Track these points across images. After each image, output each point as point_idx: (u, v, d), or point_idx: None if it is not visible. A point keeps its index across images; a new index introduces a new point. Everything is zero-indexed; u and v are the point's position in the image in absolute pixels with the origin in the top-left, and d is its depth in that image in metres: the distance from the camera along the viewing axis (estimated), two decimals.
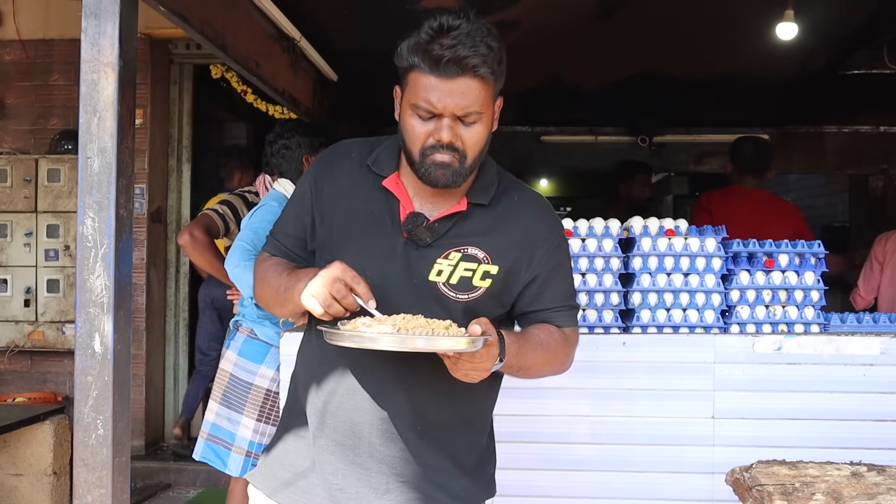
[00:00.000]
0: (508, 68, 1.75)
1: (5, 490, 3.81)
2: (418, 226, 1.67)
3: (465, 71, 1.58)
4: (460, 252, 1.67)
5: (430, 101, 1.59)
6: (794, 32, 4.12)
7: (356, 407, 1.68)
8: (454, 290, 1.66)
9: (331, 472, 1.69)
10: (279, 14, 4.04)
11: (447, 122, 1.61)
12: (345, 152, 1.80)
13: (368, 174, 1.73)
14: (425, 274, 1.66)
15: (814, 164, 7.36)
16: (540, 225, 1.77)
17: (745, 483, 2.20)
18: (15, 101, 5.36)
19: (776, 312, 2.89)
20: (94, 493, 2.00)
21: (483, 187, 1.75)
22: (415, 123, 1.63)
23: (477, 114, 1.63)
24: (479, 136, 1.66)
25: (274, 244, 1.81)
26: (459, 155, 1.63)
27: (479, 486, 1.79)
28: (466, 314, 1.65)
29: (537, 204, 1.82)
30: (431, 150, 1.62)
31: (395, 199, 1.70)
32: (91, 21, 2.07)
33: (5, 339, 5.19)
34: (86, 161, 2.07)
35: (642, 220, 2.94)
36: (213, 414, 3.22)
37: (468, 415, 1.76)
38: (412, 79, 1.62)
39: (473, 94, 1.60)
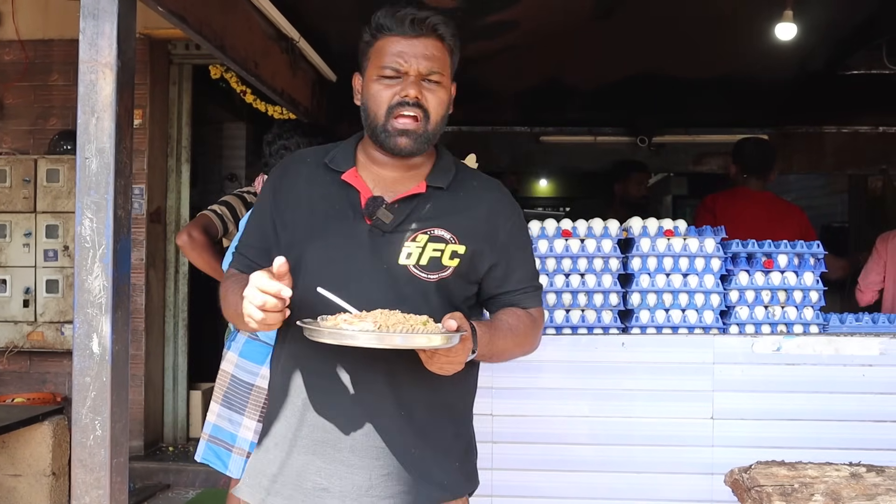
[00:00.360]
0: (507, 69, 1.80)
1: (4, 490, 3.81)
2: (378, 207, 1.71)
3: (428, 31, 1.71)
4: (427, 234, 1.72)
5: (397, 59, 1.69)
6: (794, 33, 4.12)
7: (335, 401, 1.69)
8: (425, 271, 1.70)
9: (314, 471, 1.69)
10: (278, 14, 4.04)
11: (412, 80, 1.70)
12: (300, 159, 1.87)
13: (326, 172, 1.79)
14: (395, 258, 1.70)
15: (813, 165, 7.35)
16: (500, 208, 1.81)
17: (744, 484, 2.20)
18: (14, 102, 5.36)
19: (775, 313, 2.89)
20: (92, 494, 2.00)
21: (441, 172, 1.80)
22: (380, 88, 1.71)
23: (439, 75, 1.72)
24: (441, 100, 1.73)
25: (239, 259, 1.86)
26: (423, 114, 1.71)
27: (463, 475, 1.81)
28: (439, 293, 1.71)
29: (497, 189, 1.86)
30: (398, 107, 1.69)
31: (355, 191, 1.75)
32: (89, 21, 2.06)
33: (4, 340, 5.18)
34: (84, 161, 2.07)
35: (641, 220, 2.94)
36: (214, 415, 3.22)
37: (450, 400, 1.78)
38: (378, 47, 1.73)
39: (436, 55, 1.72)
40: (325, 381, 1.70)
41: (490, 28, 4.44)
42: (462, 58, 1.82)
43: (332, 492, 1.68)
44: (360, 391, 1.68)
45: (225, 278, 1.86)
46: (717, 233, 2.91)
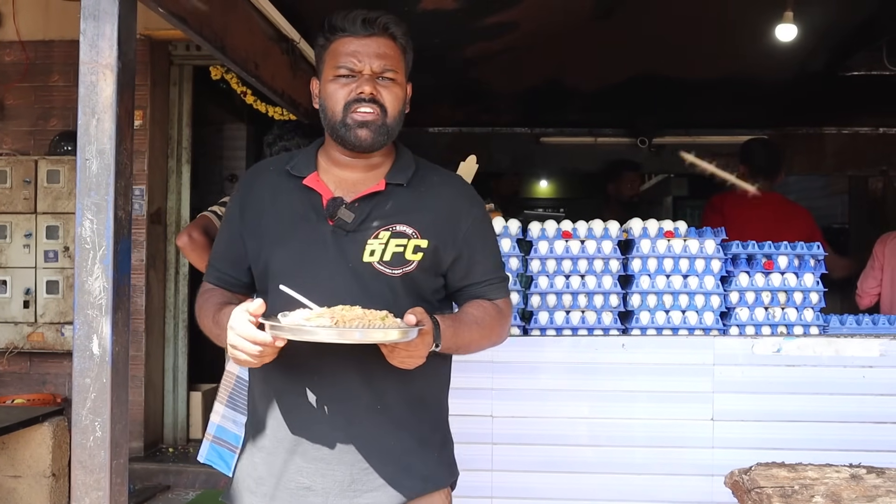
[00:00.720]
0: (507, 70, 1.82)
1: (4, 492, 3.81)
2: (339, 207, 1.75)
3: (379, 30, 1.77)
4: (389, 230, 1.75)
5: (351, 58, 1.75)
6: (794, 34, 4.12)
7: (312, 400, 1.73)
8: (389, 267, 1.73)
9: (295, 471, 1.73)
10: (278, 16, 4.04)
11: (367, 77, 1.75)
12: (262, 169, 1.92)
13: (289, 179, 1.83)
14: (359, 256, 1.73)
15: (813, 166, 7.35)
16: (461, 202, 1.85)
17: (744, 485, 2.20)
18: (14, 103, 5.36)
19: (775, 314, 2.89)
20: (92, 496, 2.00)
21: (401, 169, 1.84)
22: (337, 87, 1.76)
23: (393, 72, 1.77)
24: (397, 96, 1.78)
25: (211, 272, 1.91)
26: (380, 109, 1.75)
27: (443, 465, 1.84)
28: (406, 287, 1.75)
29: (457, 183, 1.90)
30: (355, 103, 1.74)
31: (317, 194, 1.79)
32: (90, 22, 2.06)
33: (4, 341, 5.18)
34: (84, 163, 2.06)
35: (641, 222, 2.94)
36: (218, 416, 3.22)
37: (423, 393, 1.81)
38: (332, 49, 1.78)
39: (389, 54, 1.77)
40: (301, 382, 1.74)
41: (490, 29, 4.44)
42: (461, 59, 1.83)
43: (315, 490, 1.71)
44: (336, 389, 1.72)
45: (200, 292, 1.90)
46: (718, 234, 2.91)
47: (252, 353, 1.57)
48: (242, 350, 1.58)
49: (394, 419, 1.75)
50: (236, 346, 1.58)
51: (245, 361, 1.60)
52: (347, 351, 1.65)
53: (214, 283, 1.88)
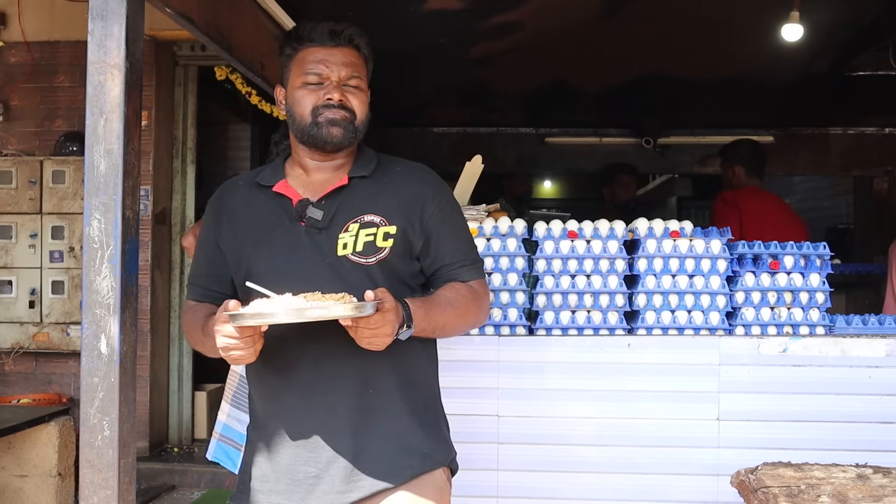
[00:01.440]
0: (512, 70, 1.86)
1: (10, 491, 3.82)
2: (307, 207, 1.82)
3: (345, 41, 1.87)
4: (357, 222, 1.82)
5: (319, 66, 1.84)
6: (800, 34, 4.11)
7: (308, 392, 1.78)
8: (363, 256, 1.80)
9: (302, 462, 1.78)
10: (284, 16, 4.04)
11: (334, 84, 1.84)
12: (233, 184, 1.99)
13: (258, 190, 1.91)
14: (334, 251, 1.80)
15: (818, 166, 7.33)
16: (425, 187, 1.91)
17: (750, 485, 2.20)
18: (20, 103, 5.38)
19: (781, 314, 2.89)
20: (100, 495, 2.00)
21: (362, 164, 1.91)
22: (304, 94, 1.85)
23: (358, 79, 1.87)
24: (363, 101, 1.88)
25: (193, 289, 1.97)
26: (349, 113, 1.84)
27: (440, 443, 1.89)
28: (383, 274, 1.80)
29: (420, 170, 1.96)
30: (324, 108, 1.83)
31: (287, 199, 1.86)
32: (98, 23, 2.07)
33: (10, 341, 5.20)
34: (92, 162, 2.07)
35: (647, 221, 2.94)
36: (224, 414, 3.22)
37: (412, 374, 1.86)
38: (300, 57, 1.87)
39: (354, 63, 1.87)
40: (295, 377, 1.80)
41: (495, 30, 4.44)
42: (467, 59, 1.87)
43: (322, 477, 1.77)
44: (329, 379, 1.78)
45: (185, 310, 1.98)
46: (724, 233, 2.91)
47: (239, 346, 1.63)
48: (232, 348, 1.64)
49: (387, 402, 1.81)
50: (226, 346, 1.64)
51: (239, 358, 1.66)
52: (335, 341, 1.71)
53: (198, 300, 1.94)
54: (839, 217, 9.32)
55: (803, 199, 10.71)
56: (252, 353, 1.66)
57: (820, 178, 9.72)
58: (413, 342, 1.78)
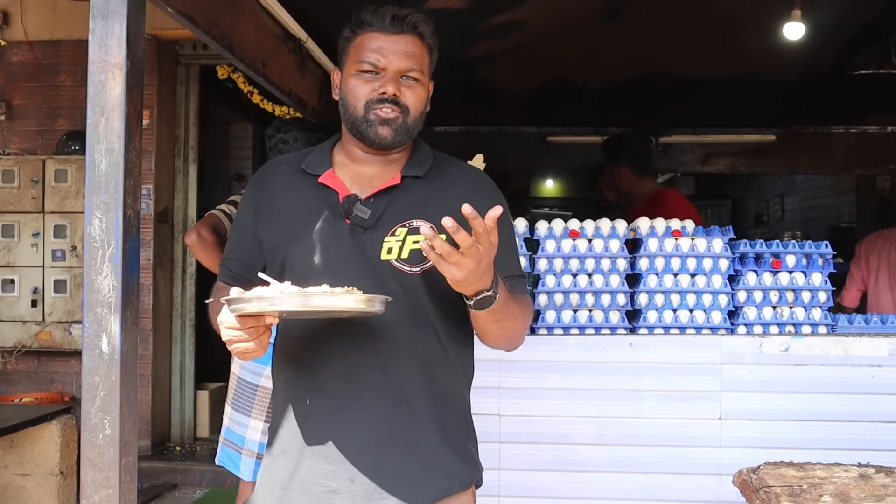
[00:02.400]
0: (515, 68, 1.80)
1: (12, 490, 3.82)
2: (353, 204, 1.70)
3: (408, 28, 1.71)
4: (406, 227, 1.70)
5: (376, 55, 1.70)
6: (802, 32, 4.10)
7: (335, 402, 1.68)
8: (408, 264, 1.68)
9: (320, 475, 1.68)
10: (286, 15, 4.04)
11: (391, 76, 1.70)
12: (275, 166, 1.87)
13: (303, 177, 1.78)
14: (377, 254, 1.68)
15: (821, 165, 7.33)
16: (480, 194, 1.75)
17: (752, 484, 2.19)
18: (22, 102, 5.38)
19: (783, 313, 2.89)
20: (102, 493, 2.01)
21: (417, 162, 1.79)
22: (359, 83, 1.71)
23: (418, 73, 1.72)
24: (420, 97, 1.73)
25: (224, 272, 1.86)
26: (402, 110, 1.70)
27: (468, 462, 1.78)
28: (426, 284, 1.68)
29: (476, 175, 1.85)
30: (376, 103, 1.69)
31: (333, 192, 1.74)
32: (99, 22, 2.07)
33: (12, 340, 5.20)
34: (93, 161, 2.07)
35: (649, 220, 2.94)
36: (227, 418, 3.24)
37: (446, 390, 1.75)
38: (357, 42, 1.73)
39: (415, 54, 1.72)
40: (324, 383, 1.70)
41: (497, 28, 4.44)
42: (469, 58, 1.82)
43: (341, 493, 1.67)
44: (359, 389, 1.68)
45: (214, 292, 1.83)
46: (725, 233, 2.91)
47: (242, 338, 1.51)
48: (236, 340, 1.52)
49: (418, 418, 1.70)
50: (229, 338, 1.53)
51: (245, 352, 1.53)
52: (368, 349, 1.65)
53: (228, 283, 1.82)
54: (841, 216, 9.32)
55: (805, 197, 10.70)
56: (258, 347, 1.53)
57: (822, 177, 9.71)
58: (452, 353, 1.70)
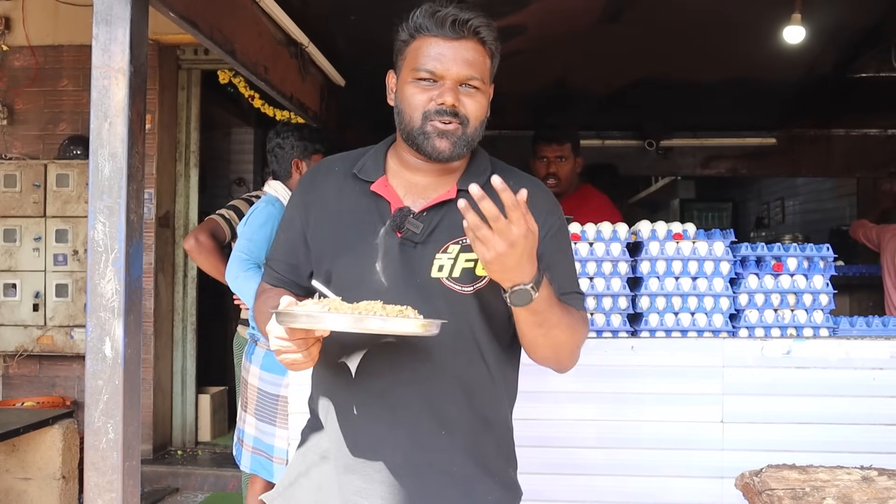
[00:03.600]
0: (515, 72, 1.76)
1: (14, 494, 3.82)
2: (406, 218, 1.62)
3: (469, 33, 1.61)
4: (458, 244, 1.61)
5: (434, 62, 1.60)
6: (802, 36, 4.11)
7: (373, 420, 1.63)
8: (459, 283, 1.60)
9: (353, 492, 1.63)
10: (287, 20, 4.05)
11: (449, 85, 1.60)
12: (328, 167, 1.78)
13: (356, 183, 1.70)
14: (427, 272, 1.60)
15: (821, 168, 7.34)
16: (538, 209, 1.62)
17: (754, 487, 2.19)
18: (24, 107, 5.39)
19: (785, 316, 2.89)
20: (105, 497, 2.01)
21: (475, 173, 1.70)
22: (416, 91, 1.62)
23: (479, 81, 1.63)
24: (481, 105, 1.65)
25: (269, 273, 1.79)
26: (461, 121, 1.62)
27: (506, 488, 1.73)
28: (478, 304, 1.61)
29: (536, 188, 1.74)
30: (435, 115, 1.60)
31: (386, 202, 1.66)
32: (102, 27, 2.08)
33: (14, 344, 5.21)
34: (97, 166, 2.08)
35: (650, 223, 2.94)
36: (253, 428, 3.25)
37: (487, 414, 1.69)
38: (415, 47, 1.63)
39: (476, 61, 1.62)
40: (362, 401, 1.63)
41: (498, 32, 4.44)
42: None
43: None
44: (398, 409, 1.61)
45: (257, 293, 1.79)
46: (727, 236, 2.91)
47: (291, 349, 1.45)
48: (284, 351, 1.46)
49: (456, 443, 1.63)
50: (278, 349, 1.46)
51: (294, 363, 1.47)
52: (411, 371, 1.59)
53: (273, 285, 1.77)
54: (842, 219, 9.32)
55: (806, 200, 10.70)
56: (307, 358, 1.46)
57: (823, 180, 9.72)
58: (496, 377, 1.64)
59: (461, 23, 1.60)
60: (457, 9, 1.61)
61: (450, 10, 1.60)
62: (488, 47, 1.66)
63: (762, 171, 7.57)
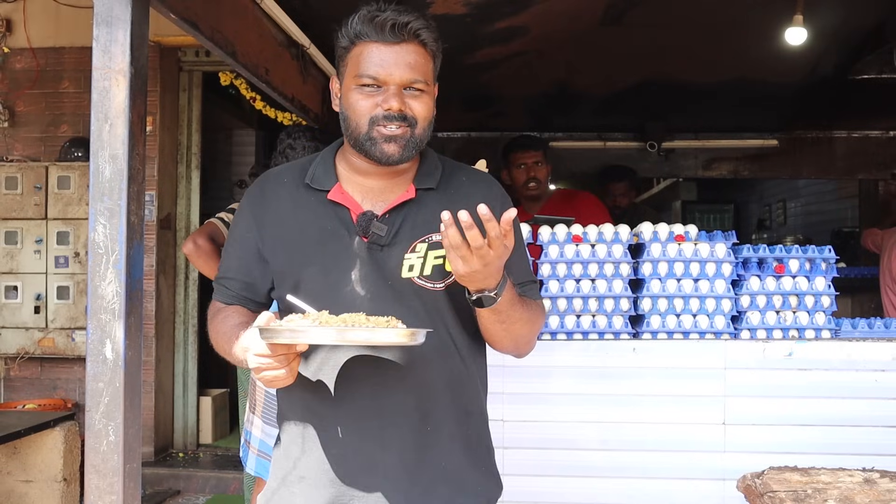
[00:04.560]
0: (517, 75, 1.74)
1: (16, 496, 3.82)
2: (370, 221, 1.62)
3: (409, 36, 1.60)
4: (425, 242, 1.63)
5: (376, 68, 1.59)
6: (804, 37, 4.11)
7: (362, 426, 1.62)
8: (430, 281, 1.62)
9: (345, 501, 1.62)
10: (288, 21, 4.05)
11: (394, 90, 1.59)
12: (275, 179, 1.75)
13: (309, 193, 1.68)
14: (397, 273, 1.62)
15: (823, 170, 7.33)
16: (494, 199, 1.71)
17: (756, 489, 2.19)
18: (25, 109, 5.40)
19: (787, 318, 2.88)
20: (106, 500, 2.00)
21: (428, 173, 1.71)
22: (360, 97, 1.60)
23: (423, 83, 1.62)
24: (427, 106, 1.64)
25: (221, 291, 1.75)
26: (409, 124, 1.61)
27: (492, 480, 1.76)
28: (450, 300, 1.63)
29: (487, 182, 1.78)
30: (382, 119, 1.59)
31: (345, 209, 1.65)
32: (102, 29, 2.08)
33: (15, 346, 5.21)
34: (97, 168, 2.07)
35: (652, 225, 2.94)
36: (258, 430, 3.24)
37: (468, 406, 1.72)
38: (356, 53, 1.61)
39: (418, 64, 1.61)
40: (349, 407, 1.62)
41: (499, 34, 4.44)
42: (471, 64, 1.78)
43: None
44: (387, 412, 1.61)
45: (211, 314, 1.74)
46: (728, 238, 2.91)
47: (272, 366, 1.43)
48: (265, 368, 1.44)
49: (444, 437, 1.66)
50: (258, 366, 1.44)
51: (274, 380, 1.45)
52: (395, 370, 1.58)
53: (226, 303, 1.74)
54: (844, 220, 9.32)
55: (808, 202, 10.70)
56: (288, 374, 1.45)
57: (824, 182, 9.72)
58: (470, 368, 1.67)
59: (400, 26, 1.59)
60: (395, 12, 1.60)
61: (388, 14, 1.59)
62: (429, 48, 1.64)
63: (764, 172, 7.55)
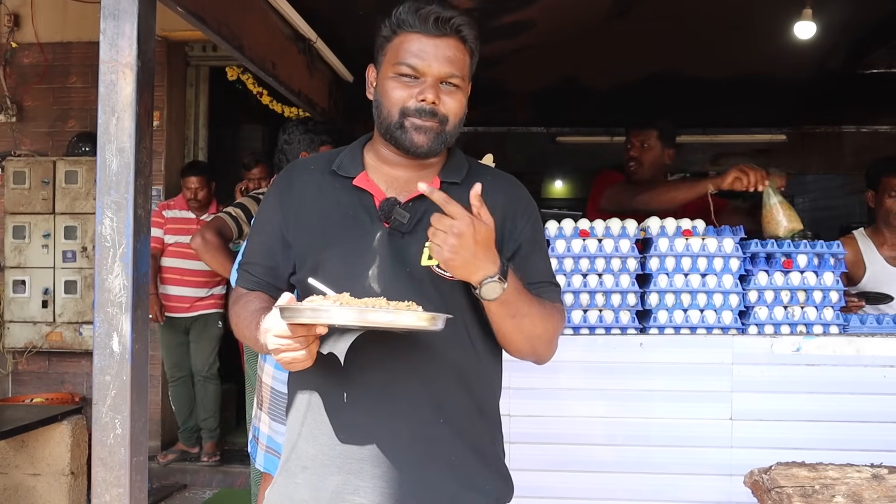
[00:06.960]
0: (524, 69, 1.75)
1: (23, 490, 3.84)
2: (393, 208, 1.64)
3: (451, 31, 1.63)
4: None
5: (416, 59, 1.62)
6: (813, 31, 4.09)
7: (371, 414, 1.61)
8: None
9: (351, 491, 1.60)
10: (295, 15, 4.05)
11: (430, 82, 1.62)
12: (303, 167, 1.79)
13: (335, 179, 1.71)
14: (417, 260, 1.63)
15: (832, 165, 7.31)
16: (518, 199, 1.75)
17: (764, 485, 2.18)
18: (33, 104, 5.41)
19: (795, 313, 2.87)
20: (112, 493, 2.01)
21: (454, 168, 1.75)
22: (396, 86, 1.64)
23: (459, 79, 1.65)
24: (460, 104, 1.67)
25: (245, 277, 1.77)
26: (440, 120, 1.64)
27: (503, 479, 1.75)
28: (465, 291, 1.63)
29: (511, 181, 1.81)
30: (414, 112, 1.63)
31: (369, 195, 1.68)
32: (109, 22, 2.08)
33: (23, 340, 5.23)
34: (104, 161, 2.08)
35: (659, 220, 2.93)
36: (266, 426, 3.24)
37: (482, 403, 1.71)
38: (397, 43, 1.65)
39: (457, 58, 1.64)
40: (357, 395, 1.61)
41: (506, 28, 4.43)
42: (479, 58, 1.77)
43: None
44: (396, 402, 1.61)
45: (233, 299, 1.77)
46: (737, 232, 2.90)
47: (292, 346, 1.43)
48: (284, 349, 1.44)
49: (455, 432, 1.64)
50: (277, 347, 1.45)
51: (293, 361, 1.45)
52: (410, 359, 1.59)
53: (249, 289, 1.74)
54: (852, 216, 9.27)
55: (816, 197, 10.65)
56: (307, 356, 1.45)
57: (833, 177, 9.67)
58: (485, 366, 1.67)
59: (443, 20, 1.62)
60: (439, 7, 1.63)
61: (433, 7, 1.63)
62: (469, 45, 1.67)
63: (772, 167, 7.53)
